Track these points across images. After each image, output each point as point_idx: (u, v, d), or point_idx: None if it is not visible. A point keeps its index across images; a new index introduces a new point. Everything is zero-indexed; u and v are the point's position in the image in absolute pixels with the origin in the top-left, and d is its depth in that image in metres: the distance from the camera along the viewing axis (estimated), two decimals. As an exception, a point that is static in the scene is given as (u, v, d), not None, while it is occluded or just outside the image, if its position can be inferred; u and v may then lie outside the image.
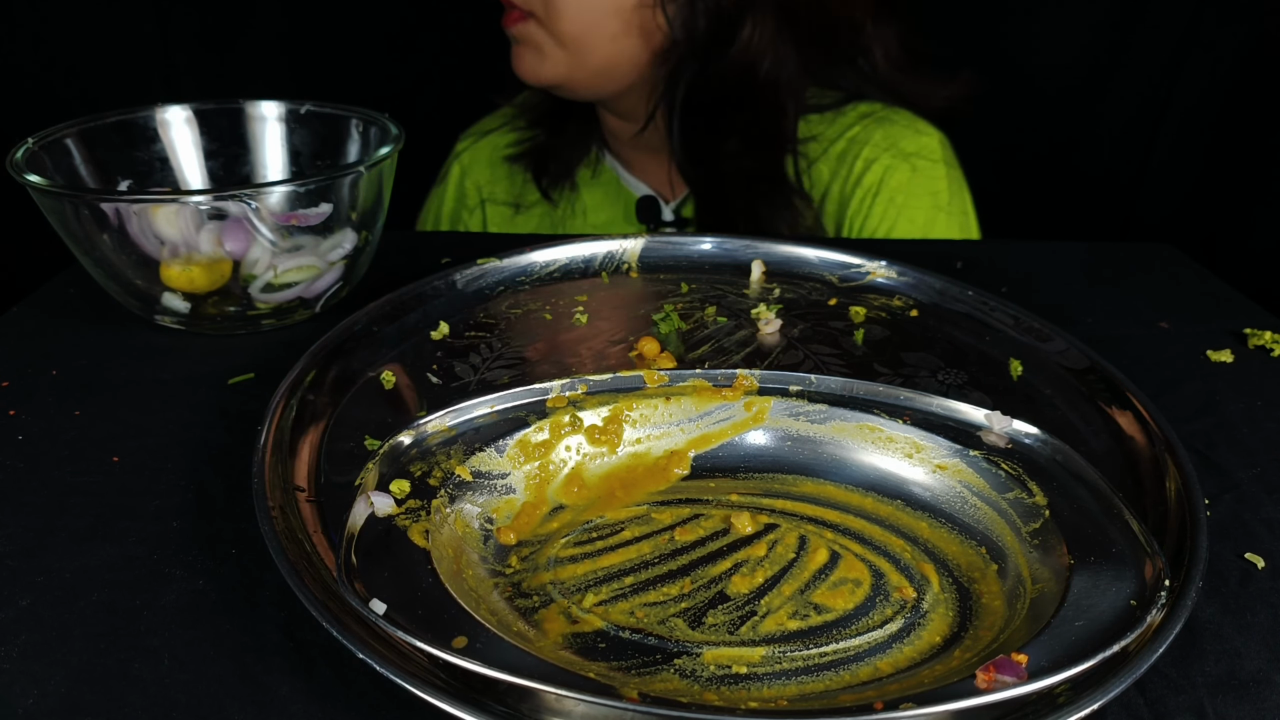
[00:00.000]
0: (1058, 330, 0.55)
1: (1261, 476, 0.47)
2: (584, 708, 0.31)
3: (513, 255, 0.61)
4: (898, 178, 0.84)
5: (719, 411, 0.48)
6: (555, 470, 0.45)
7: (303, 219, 0.55)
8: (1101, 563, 0.38)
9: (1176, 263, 0.72)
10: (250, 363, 0.54)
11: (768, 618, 0.38)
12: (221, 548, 0.40)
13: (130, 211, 0.53)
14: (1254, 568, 0.41)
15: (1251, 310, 0.65)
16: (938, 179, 0.85)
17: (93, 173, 0.60)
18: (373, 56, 0.93)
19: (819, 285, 0.61)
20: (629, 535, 0.42)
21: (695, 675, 0.35)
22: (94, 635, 0.36)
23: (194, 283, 0.55)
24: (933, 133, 0.87)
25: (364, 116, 0.63)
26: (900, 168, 0.84)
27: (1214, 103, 1.07)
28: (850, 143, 0.86)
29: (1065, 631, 0.34)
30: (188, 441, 0.47)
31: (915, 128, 0.86)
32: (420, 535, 0.38)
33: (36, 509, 0.42)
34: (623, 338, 0.54)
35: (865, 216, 0.84)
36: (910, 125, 0.86)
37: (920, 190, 0.84)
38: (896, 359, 0.52)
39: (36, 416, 0.49)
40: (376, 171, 0.57)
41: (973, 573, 0.40)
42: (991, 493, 0.43)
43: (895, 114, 0.87)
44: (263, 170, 0.65)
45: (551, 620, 0.37)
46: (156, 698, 0.33)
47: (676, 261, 0.64)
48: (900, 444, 0.46)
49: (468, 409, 0.46)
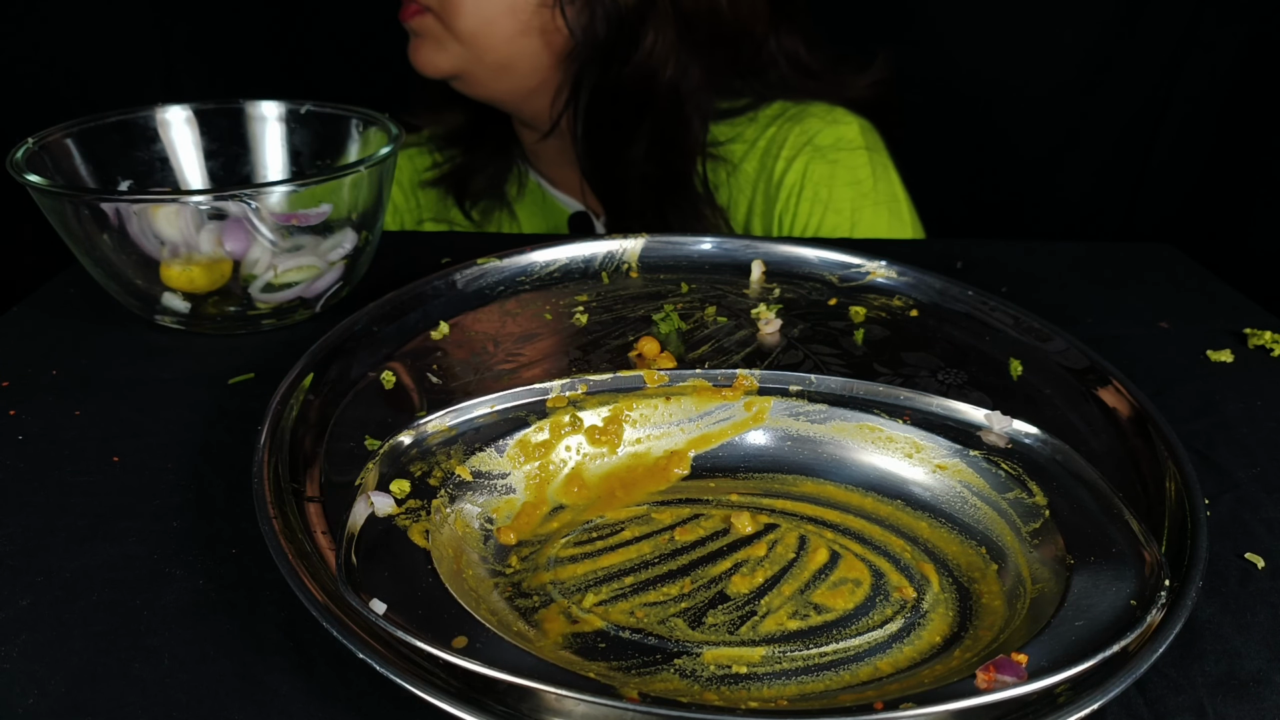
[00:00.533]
0: (1058, 330, 0.55)
1: (1261, 476, 0.47)
2: (584, 707, 0.31)
3: (513, 255, 0.61)
4: (818, 172, 0.84)
5: (719, 411, 0.48)
6: (555, 470, 0.45)
7: (303, 219, 0.55)
8: (1101, 562, 0.38)
9: (1176, 263, 0.73)
10: (250, 363, 0.54)
11: (768, 618, 0.38)
12: (221, 547, 0.40)
13: (130, 211, 0.53)
14: (1254, 567, 0.41)
15: (1251, 310, 0.65)
16: (859, 167, 0.84)
17: (93, 173, 0.60)
18: (373, 56, 0.93)
19: (819, 285, 0.61)
20: (629, 535, 0.42)
21: (695, 675, 0.35)
22: (94, 635, 0.36)
23: (194, 283, 0.55)
24: (851, 120, 0.86)
25: (364, 116, 0.63)
26: (819, 162, 0.84)
27: (1214, 103, 1.07)
28: (770, 143, 0.86)
29: (1065, 631, 0.34)
30: (188, 441, 0.47)
31: (832, 117, 0.86)
32: (420, 535, 0.39)
33: (36, 509, 0.42)
34: (623, 338, 0.54)
35: (793, 215, 0.84)
36: (826, 116, 0.86)
37: (842, 181, 0.84)
38: (896, 359, 0.52)
39: (37, 416, 0.49)
40: (376, 171, 0.57)
41: (973, 572, 0.40)
42: (991, 492, 0.43)
43: (810, 108, 0.87)
44: (263, 170, 0.65)
45: (551, 620, 0.37)
46: (157, 697, 0.33)
47: (676, 261, 0.64)
48: (900, 444, 0.46)
49: (468, 409, 0.46)
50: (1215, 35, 1.04)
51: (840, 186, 0.84)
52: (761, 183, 0.86)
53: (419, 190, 0.95)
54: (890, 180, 0.86)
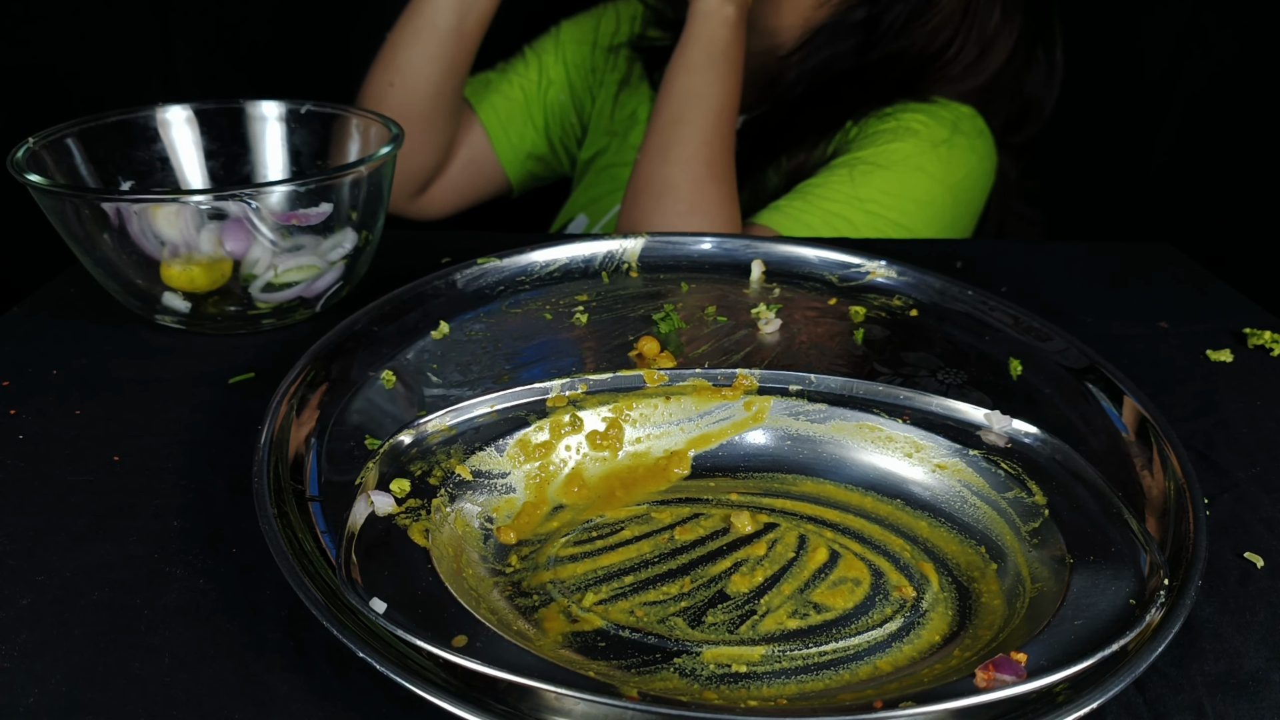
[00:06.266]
0: (1057, 330, 0.55)
1: (1261, 476, 0.47)
2: (584, 706, 0.31)
3: (513, 255, 0.61)
4: (913, 116, 0.84)
5: (719, 411, 0.48)
6: (555, 470, 0.45)
7: (303, 219, 0.55)
8: (1101, 562, 0.38)
9: (1176, 263, 0.73)
10: (250, 363, 0.54)
11: (767, 617, 0.38)
12: (222, 546, 0.40)
13: (131, 211, 0.53)
14: (1253, 567, 0.41)
15: (1251, 310, 0.65)
16: (941, 129, 0.84)
17: (93, 172, 0.60)
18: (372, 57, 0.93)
19: (819, 285, 0.61)
20: (629, 534, 0.42)
21: (695, 674, 0.35)
22: (94, 634, 0.36)
23: (194, 282, 0.55)
24: (968, 107, 0.87)
25: (364, 116, 0.63)
26: (921, 111, 0.85)
27: (1214, 103, 1.07)
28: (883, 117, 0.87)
29: (1064, 630, 0.34)
30: (188, 441, 0.47)
31: (952, 104, 0.87)
32: (420, 534, 0.39)
33: (37, 508, 0.43)
34: (623, 338, 0.54)
35: (865, 135, 0.85)
36: (947, 104, 0.87)
37: (925, 131, 0.83)
38: (896, 359, 0.52)
39: (37, 416, 0.49)
40: (376, 171, 0.57)
41: (972, 572, 0.40)
42: (991, 492, 0.43)
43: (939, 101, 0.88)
44: (263, 170, 0.65)
45: (551, 619, 0.37)
46: (157, 696, 0.33)
47: (676, 261, 0.64)
48: (900, 443, 0.46)
49: (468, 408, 0.46)
50: (1215, 35, 1.04)
51: (917, 133, 0.84)
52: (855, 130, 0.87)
53: (610, 53, 0.99)
54: (954, 166, 0.85)
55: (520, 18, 0.99)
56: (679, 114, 0.78)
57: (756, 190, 0.87)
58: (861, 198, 0.80)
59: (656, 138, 0.78)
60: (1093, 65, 1.10)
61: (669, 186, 0.77)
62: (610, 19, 1.01)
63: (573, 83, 1.01)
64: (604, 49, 1.00)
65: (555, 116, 1.02)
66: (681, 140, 0.77)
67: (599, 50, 1.01)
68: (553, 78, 1.01)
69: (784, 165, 0.86)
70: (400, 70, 0.88)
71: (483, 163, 1.01)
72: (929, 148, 0.83)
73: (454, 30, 0.87)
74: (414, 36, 0.87)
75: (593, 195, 0.95)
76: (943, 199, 0.83)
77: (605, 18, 1.01)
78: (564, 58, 1.01)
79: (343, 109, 0.64)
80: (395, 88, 0.88)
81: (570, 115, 1.02)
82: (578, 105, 1.02)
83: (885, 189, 0.80)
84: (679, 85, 0.79)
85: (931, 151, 0.83)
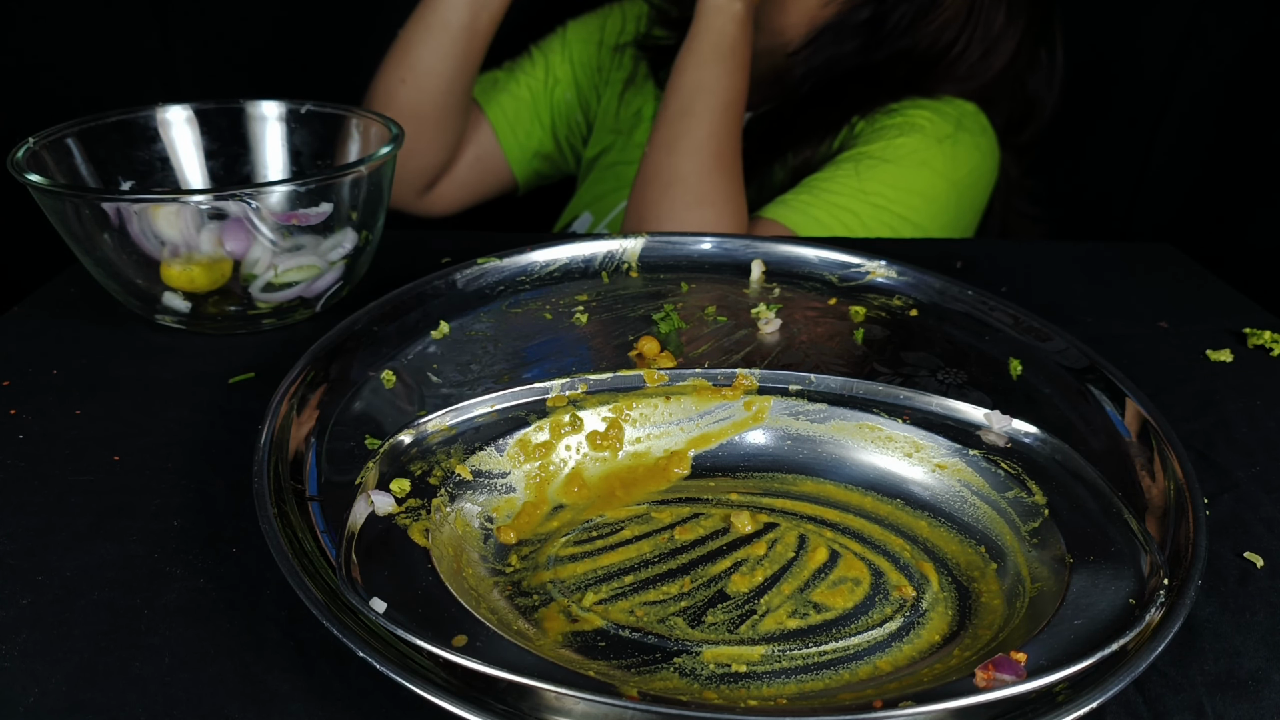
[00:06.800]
0: (1057, 330, 0.55)
1: (1260, 476, 0.47)
2: (584, 706, 0.31)
3: (513, 255, 0.61)
4: (918, 112, 0.84)
5: (719, 411, 0.48)
6: (555, 470, 0.45)
7: (303, 219, 0.55)
8: (1100, 561, 0.38)
9: (1176, 263, 0.73)
10: (250, 362, 0.54)
11: (767, 616, 0.38)
12: (222, 546, 0.41)
13: (131, 211, 0.53)
14: (1253, 567, 0.41)
15: (1251, 310, 0.65)
16: (946, 125, 0.84)
17: (93, 172, 0.60)
18: (372, 56, 0.93)
19: (819, 285, 0.61)
20: (629, 534, 0.42)
21: (695, 674, 0.35)
22: (95, 634, 0.36)
23: (194, 282, 0.55)
24: (972, 105, 0.87)
25: (364, 116, 0.63)
26: (926, 108, 0.85)
27: (1214, 103, 1.07)
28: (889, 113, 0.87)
29: (1064, 630, 0.34)
30: (188, 441, 0.47)
31: (956, 101, 0.87)
32: (420, 534, 0.39)
33: (37, 508, 0.43)
34: (623, 338, 0.54)
35: (871, 131, 0.85)
36: (951, 100, 0.87)
37: (930, 127, 0.83)
38: (896, 358, 0.52)
39: (37, 416, 0.49)
40: (376, 171, 0.57)
41: (972, 571, 0.40)
42: (991, 492, 0.43)
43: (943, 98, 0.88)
44: (263, 170, 0.65)
45: (551, 619, 0.37)
46: (157, 696, 0.33)
47: (676, 261, 0.64)
48: (900, 443, 0.46)
49: (468, 408, 0.46)
50: (1215, 35, 1.04)
51: (923, 129, 0.84)
52: (860, 125, 0.88)
53: (616, 52, 0.99)
54: (968, 170, 0.85)
55: (527, 17, 1.00)
56: (687, 106, 0.78)
57: (763, 185, 0.88)
58: (867, 191, 0.80)
59: (664, 130, 0.78)
60: (1093, 65, 1.10)
61: (677, 178, 0.77)
62: (616, 18, 1.01)
63: (579, 82, 1.01)
64: (609, 48, 1.00)
65: (562, 115, 1.02)
66: (689, 132, 0.77)
67: (605, 49, 1.01)
68: (559, 77, 1.01)
69: (790, 161, 0.87)
70: (412, 67, 0.88)
71: (490, 161, 1.01)
72: (934, 143, 0.83)
73: (466, 28, 0.87)
74: (426, 33, 0.88)
75: (597, 193, 0.95)
76: (947, 194, 0.83)
77: (611, 17, 1.02)
78: (570, 57, 1.01)
79: (343, 109, 0.64)
80: (407, 84, 0.89)
81: (576, 114, 1.02)
82: (584, 104, 1.02)
83: (891, 183, 0.80)
84: (687, 79, 0.79)
85: (936, 147, 0.83)
